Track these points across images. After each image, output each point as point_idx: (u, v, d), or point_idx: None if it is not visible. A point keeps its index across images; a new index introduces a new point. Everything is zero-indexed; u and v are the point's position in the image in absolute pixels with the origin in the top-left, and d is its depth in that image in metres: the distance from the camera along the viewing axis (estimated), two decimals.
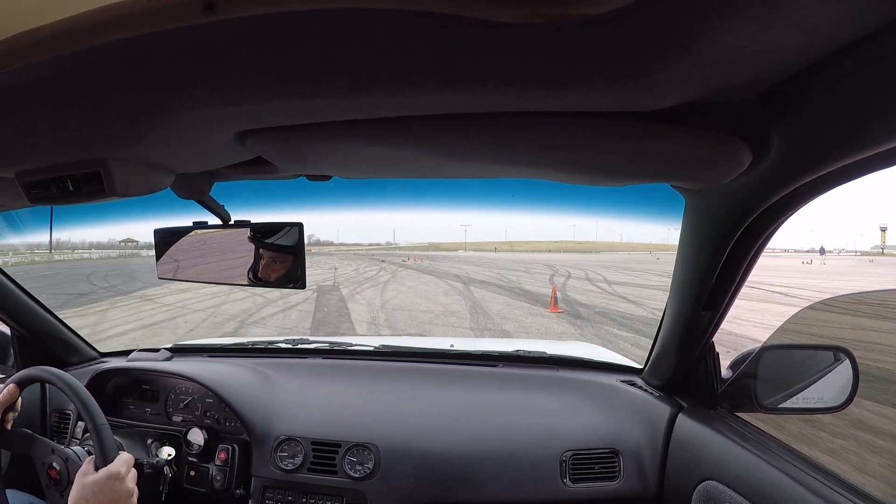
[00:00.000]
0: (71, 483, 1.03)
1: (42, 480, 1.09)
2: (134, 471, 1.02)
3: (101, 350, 1.82)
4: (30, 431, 1.14)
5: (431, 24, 0.42)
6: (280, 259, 1.04)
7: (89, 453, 1.12)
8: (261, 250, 1.07)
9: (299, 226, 1.02)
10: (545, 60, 0.47)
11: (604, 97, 0.54)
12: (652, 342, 1.28)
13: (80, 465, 1.02)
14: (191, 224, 1.14)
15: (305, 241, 1.04)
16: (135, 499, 0.99)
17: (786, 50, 0.48)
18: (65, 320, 1.71)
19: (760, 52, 0.48)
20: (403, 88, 0.53)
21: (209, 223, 1.12)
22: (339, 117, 0.63)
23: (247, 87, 0.54)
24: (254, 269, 1.07)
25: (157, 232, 1.20)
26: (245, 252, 1.08)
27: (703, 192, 0.83)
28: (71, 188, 0.76)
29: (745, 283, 0.98)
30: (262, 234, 1.07)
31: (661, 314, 1.19)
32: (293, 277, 1.03)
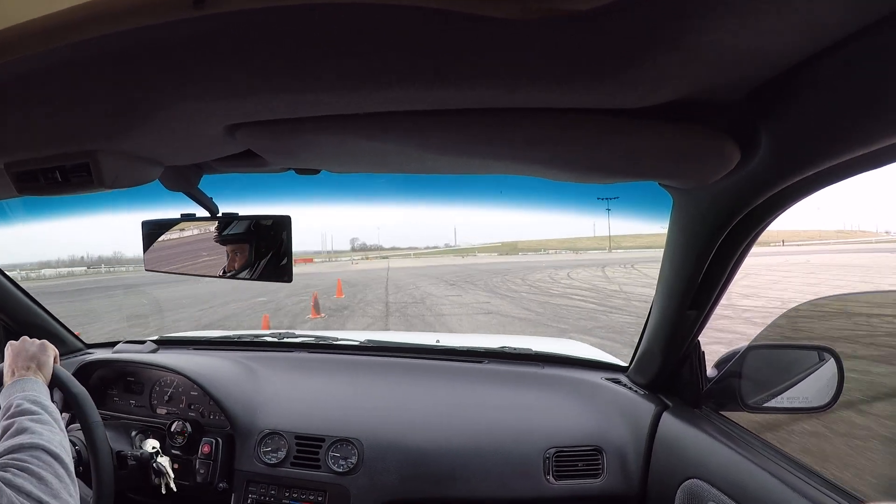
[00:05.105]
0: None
1: None
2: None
3: (87, 341, 1.82)
4: None
5: (421, 19, 0.43)
6: (268, 252, 1.03)
7: (73, 444, 1.12)
8: (248, 243, 1.06)
9: (287, 219, 1.01)
10: (534, 56, 0.48)
11: (592, 93, 0.54)
12: (637, 340, 1.29)
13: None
14: (178, 216, 1.13)
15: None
16: (50, 351, 1.10)
17: (774, 47, 0.49)
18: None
19: (749, 50, 0.48)
20: (393, 83, 0.53)
21: (197, 215, 1.11)
22: (328, 111, 0.63)
23: (237, 81, 0.55)
24: (241, 262, 1.07)
25: (144, 224, 1.19)
26: (232, 245, 1.08)
27: (691, 191, 0.83)
28: (59, 179, 0.76)
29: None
30: (249, 226, 1.06)
31: (647, 312, 1.19)
32: (280, 271, 1.03)
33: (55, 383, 1.08)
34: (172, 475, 1.29)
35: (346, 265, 43.12)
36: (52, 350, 1.11)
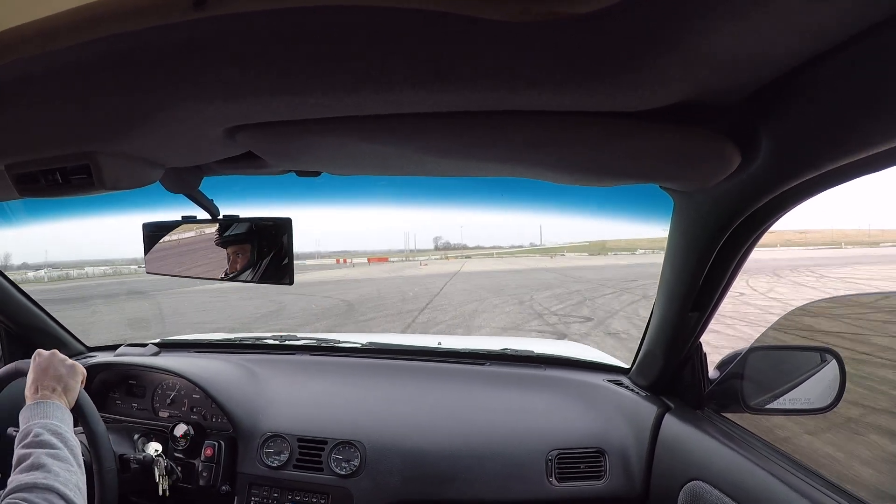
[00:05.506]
0: None
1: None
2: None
3: (89, 344, 1.82)
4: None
5: (422, 22, 0.43)
6: (269, 254, 1.03)
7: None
8: (249, 245, 1.06)
9: (288, 221, 1.01)
10: (535, 58, 0.48)
11: (592, 96, 0.54)
12: (639, 342, 1.28)
13: None
14: (179, 218, 1.13)
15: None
16: (79, 375, 1.06)
17: (774, 51, 0.49)
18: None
19: (749, 53, 0.48)
20: (393, 85, 0.53)
21: (198, 217, 1.11)
22: (329, 114, 0.63)
23: (237, 83, 0.55)
24: (242, 265, 1.07)
25: (145, 226, 1.19)
26: (233, 247, 1.08)
27: (691, 194, 0.84)
28: (60, 181, 0.77)
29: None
30: (250, 229, 1.06)
31: (649, 315, 1.19)
32: (281, 273, 1.03)
33: (77, 412, 1.04)
34: (166, 479, 1.28)
35: (411, 266, 35.80)
36: (82, 373, 1.07)
